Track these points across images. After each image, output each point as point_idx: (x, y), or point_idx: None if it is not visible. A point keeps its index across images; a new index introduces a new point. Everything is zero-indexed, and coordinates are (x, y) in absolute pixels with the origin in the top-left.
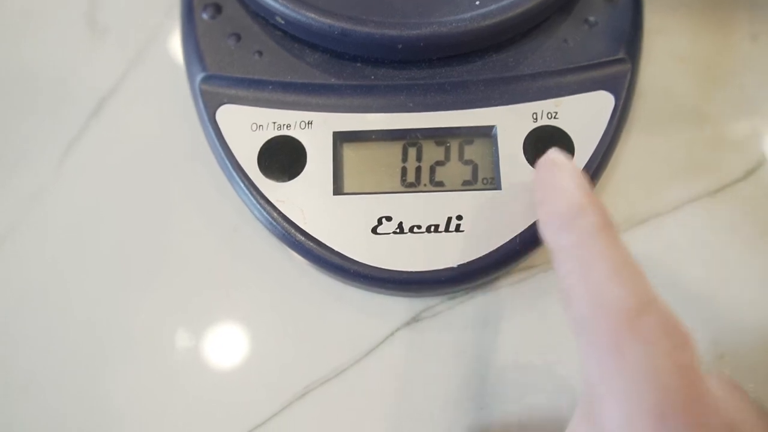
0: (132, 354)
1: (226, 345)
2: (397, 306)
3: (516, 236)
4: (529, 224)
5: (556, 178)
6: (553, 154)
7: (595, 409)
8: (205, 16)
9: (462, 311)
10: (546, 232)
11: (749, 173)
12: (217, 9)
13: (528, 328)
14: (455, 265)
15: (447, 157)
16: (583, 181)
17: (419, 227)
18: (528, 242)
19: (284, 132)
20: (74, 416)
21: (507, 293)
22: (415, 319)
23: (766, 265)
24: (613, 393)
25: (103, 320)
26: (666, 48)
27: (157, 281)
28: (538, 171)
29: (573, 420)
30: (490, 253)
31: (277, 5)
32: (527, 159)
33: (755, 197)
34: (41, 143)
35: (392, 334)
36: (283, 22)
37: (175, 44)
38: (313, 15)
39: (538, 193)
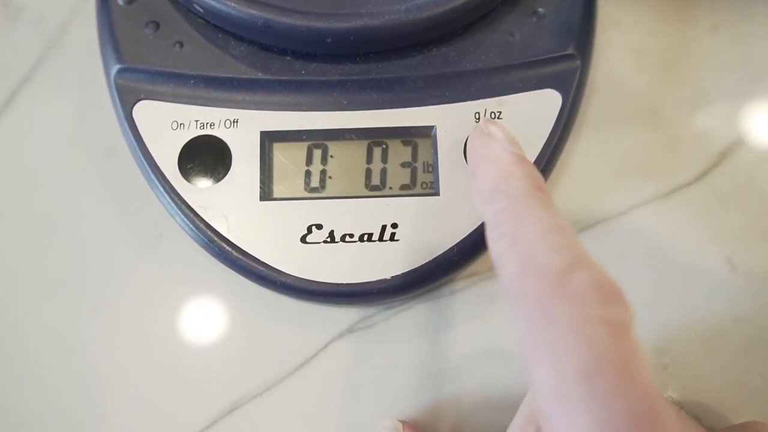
0: (42, 364)
1: (147, 358)
2: (332, 317)
3: (453, 246)
4: (468, 233)
5: (487, 147)
6: (485, 124)
7: (530, 379)
8: (120, 1)
9: (399, 322)
10: (478, 203)
11: (702, 175)
12: None
13: (468, 338)
14: (389, 277)
15: (383, 160)
16: (514, 148)
17: (351, 236)
18: (466, 252)
19: (207, 131)
20: None
21: (447, 303)
22: (350, 330)
23: (713, 272)
24: (543, 356)
25: (9, 326)
26: (621, 41)
27: (71, 289)
28: (469, 142)
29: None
30: (425, 264)
31: None
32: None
33: (706, 201)
34: None
35: (326, 346)
36: (201, 10)
37: (94, 29)
38: (233, 3)
39: (469, 162)
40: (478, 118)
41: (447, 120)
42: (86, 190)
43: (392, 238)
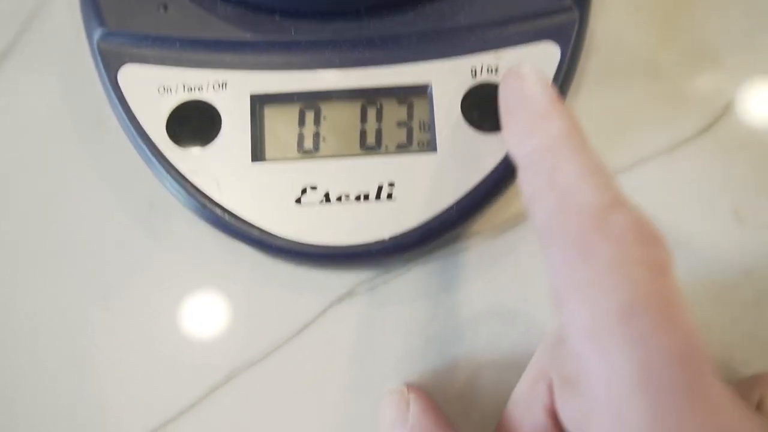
0: (37, 340)
1: (141, 328)
2: (330, 280)
3: (453, 204)
4: (467, 191)
5: (522, 86)
6: (517, 66)
7: (563, 320)
8: None
9: (400, 284)
10: (510, 143)
11: (708, 127)
12: None
13: (472, 298)
14: (387, 238)
15: (378, 119)
16: (549, 89)
17: (347, 196)
18: (466, 210)
19: (195, 95)
20: None
21: (449, 263)
22: (349, 294)
23: (721, 225)
24: (577, 295)
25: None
26: None
27: (62, 262)
28: (502, 82)
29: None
30: (424, 223)
31: None
32: (466, 119)
33: (714, 153)
34: None
35: (325, 311)
36: None
37: None
38: None
39: (502, 104)
40: (475, 74)
41: (443, 76)
42: (74, 160)
43: (389, 197)
